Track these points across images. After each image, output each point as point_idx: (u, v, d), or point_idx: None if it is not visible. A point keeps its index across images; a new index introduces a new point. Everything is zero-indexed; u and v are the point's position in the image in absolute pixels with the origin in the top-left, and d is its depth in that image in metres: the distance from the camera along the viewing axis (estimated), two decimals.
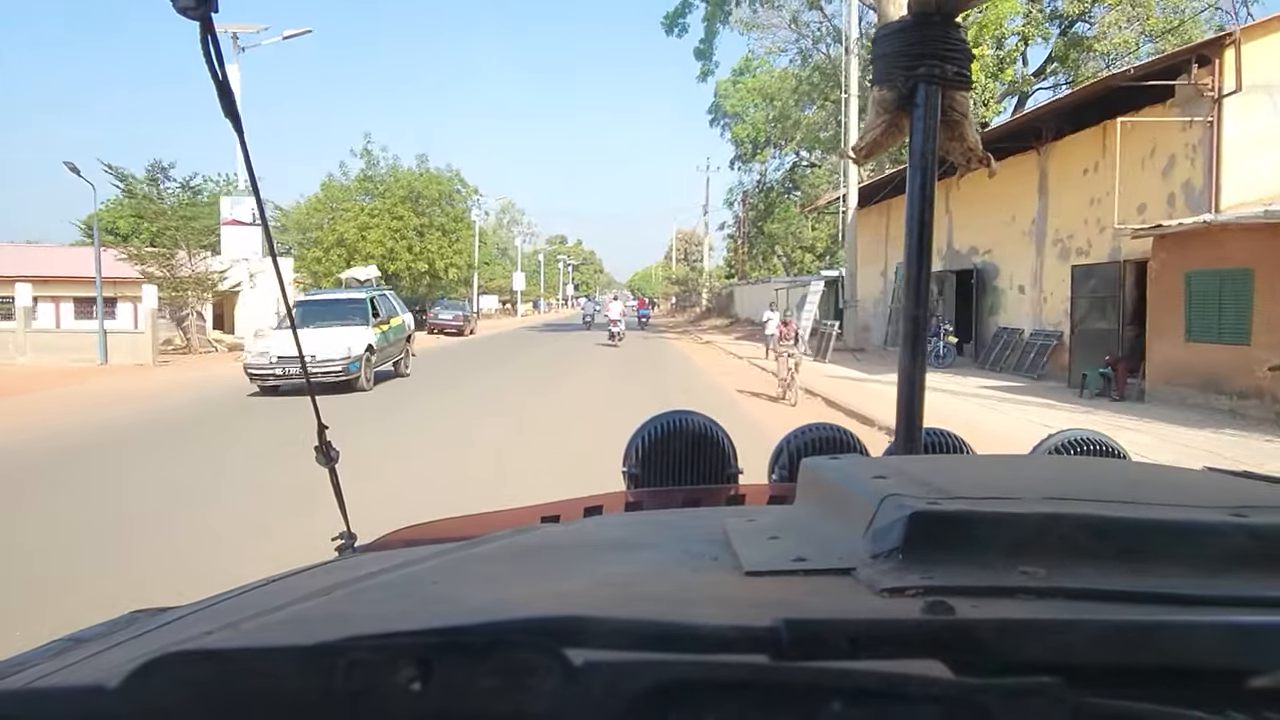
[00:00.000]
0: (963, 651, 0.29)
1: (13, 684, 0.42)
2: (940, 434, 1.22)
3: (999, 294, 14.22)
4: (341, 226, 28.26)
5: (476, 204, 35.83)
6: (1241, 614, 0.34)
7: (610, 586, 0.41)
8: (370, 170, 30.05)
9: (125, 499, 5.48)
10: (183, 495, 5.52)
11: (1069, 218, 11.94)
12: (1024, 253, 13.25)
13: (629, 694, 0.26)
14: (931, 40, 0.88)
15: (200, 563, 3.95)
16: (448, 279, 31.34)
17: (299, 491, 4.48)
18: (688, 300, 62.23)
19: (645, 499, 1.12)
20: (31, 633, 1.70)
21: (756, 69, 39.89)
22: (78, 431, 8.26)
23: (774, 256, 44.89)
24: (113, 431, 8.26)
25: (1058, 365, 12.08)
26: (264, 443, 7.27)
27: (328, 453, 1.11)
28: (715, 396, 10.68)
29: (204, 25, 0.74)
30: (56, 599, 3.47)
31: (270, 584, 0.60)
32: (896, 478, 0.47)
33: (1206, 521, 0.40)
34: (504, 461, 6.62)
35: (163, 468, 6.50)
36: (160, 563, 4.06)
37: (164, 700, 0.26)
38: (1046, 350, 12.27)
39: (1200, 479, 0.56)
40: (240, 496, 5.45)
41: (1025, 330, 13.19)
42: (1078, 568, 0.37)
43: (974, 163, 0.98)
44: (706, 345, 23.35)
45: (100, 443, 7.62)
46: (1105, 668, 0.30)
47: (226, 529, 4.68)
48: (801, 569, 0.40)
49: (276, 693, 0.26)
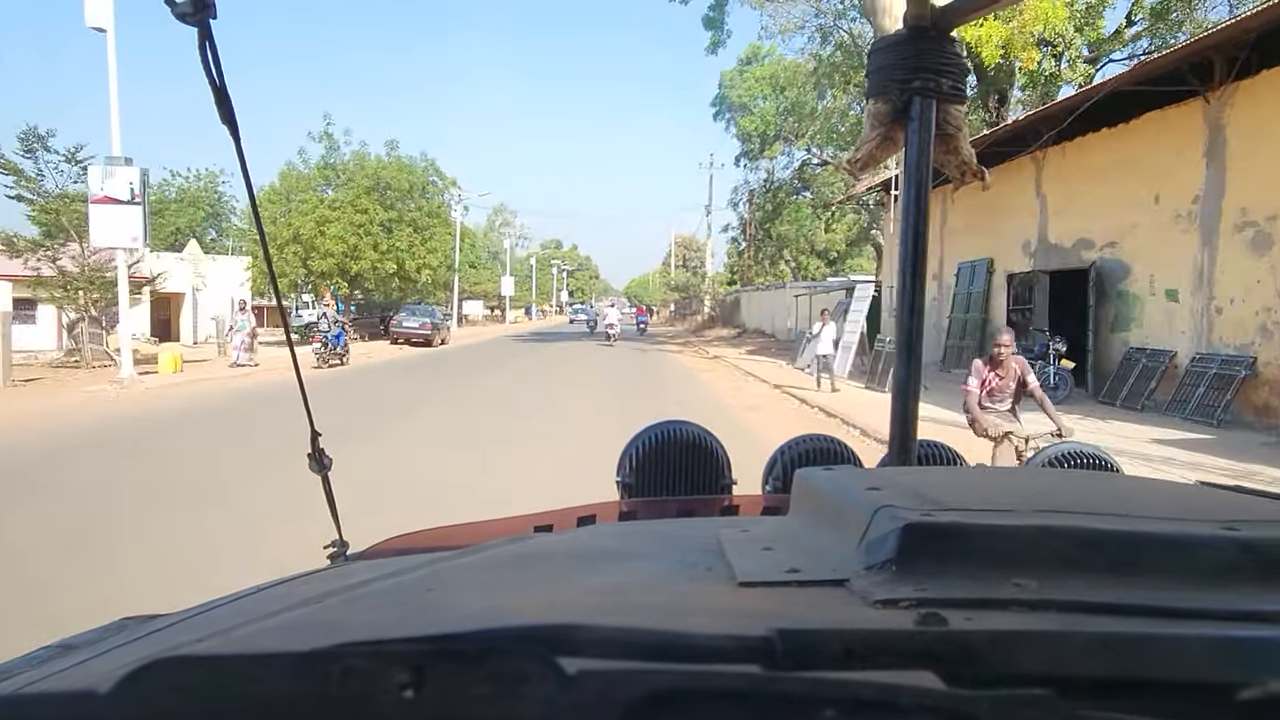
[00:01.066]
0: (955, 663, 0.30)
1: (2, 690, 0.41)
2: (934, 445, 1.22)
3: (1132, 302, 10.35)
4: (297, 221, 24.49)
5: (455, 198, 31.75)
6: (1233, 628, 0.34)
7: (603, 595, 0.40)
8: (331, 157, 26.23)
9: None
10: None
11: (1269, 190, 8.20)
12: (1177, 243, 9.45)
13: (622, 703, 0.26)
14: (926, 54, 0.90)
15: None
16: (421, 281, 27.49)
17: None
18: (688, 308, 58.59)
19: (639, 509, 1.07)
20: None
21: (765, 57, 36.52)
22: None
23: (782, 261, 41.22)
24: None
25: (1252, 407, 8.30)
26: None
27: (320, 460, 1.10)
28: (753, 452, 6.34)
29: (201, 31, 0.74)
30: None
31: (262, 591, 0.59)
32: (890, 489, 0.48)
33: (1199, 535, 0.40)
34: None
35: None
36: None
37: (156, 706, 0.26)
38: (1229, 384, 8.43)
39: (1193, 493, 0.56)
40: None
41: (1180, 353, 9.41)
42: (1070, 580, 0.37)
43: (968, 176, 1.01)
44: (715, 361, 19.59)
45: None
46: (1097, 680, 0.30)
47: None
48: (795, 580, 0.40)
49: (269, 699, 0.26)
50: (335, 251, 24.53)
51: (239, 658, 0.29)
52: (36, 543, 4.34)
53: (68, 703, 0.30)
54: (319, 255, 24.45)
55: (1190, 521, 0.43)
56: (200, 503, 5.19)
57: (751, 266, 40.97)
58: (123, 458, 6.83)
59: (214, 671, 0.27)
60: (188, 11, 0.72)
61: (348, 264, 25.15)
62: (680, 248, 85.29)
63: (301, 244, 24.50)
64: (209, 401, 10.71)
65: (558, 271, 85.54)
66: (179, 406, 10.13)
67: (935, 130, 0.91)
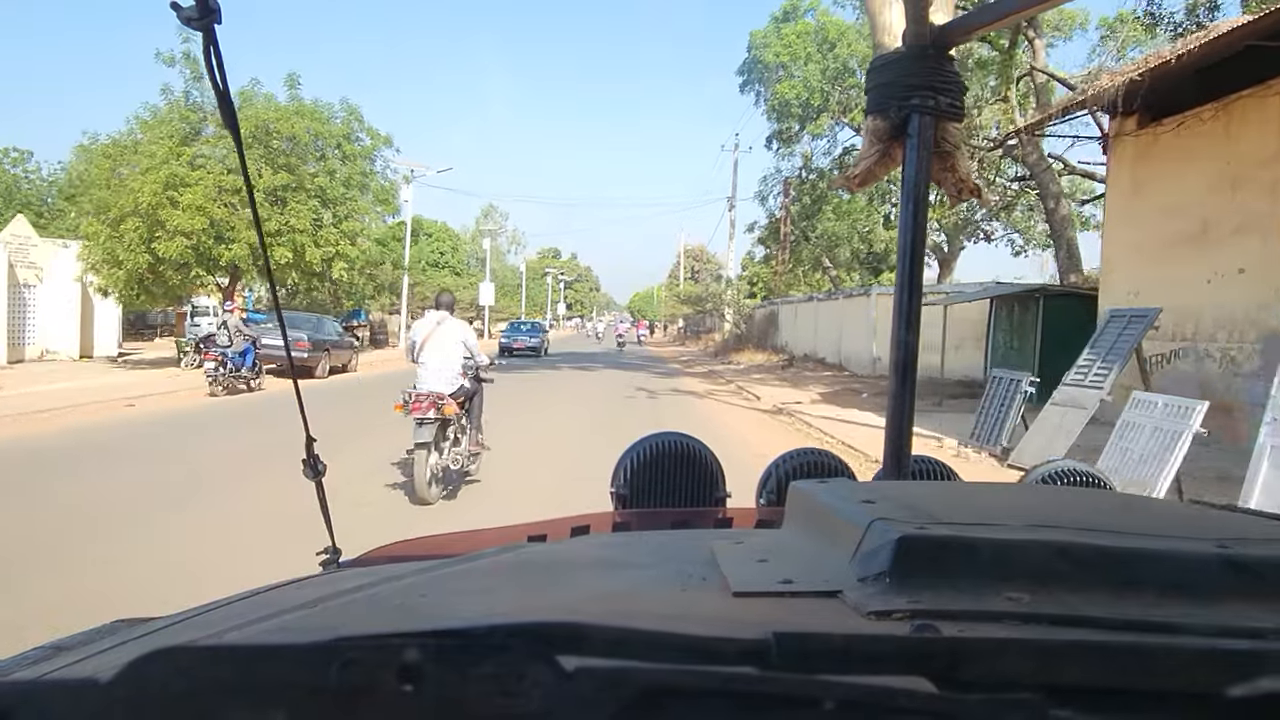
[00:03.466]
0: (947, 669, 0.30)
1: (2, 680, 0.40)
2: (927, 461, 1.22)
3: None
4: (136, 183, 16.16)
5: (395, 170, 22.43)
6: (1222, 641, 0.34)
7: (598, 601, 0.41)
8: (196, 92, 17.79)
9: None
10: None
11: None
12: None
13: (620, 699, 0.26)
14: (925, 72, 0.91)
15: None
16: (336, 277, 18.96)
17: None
18: (700, 325, 49.99)
19: (633, 520, 1.07)
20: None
21: (807, 12, 28.21)
22: None
23: (818, 270, 32.48)
24: None
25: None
26: None
27: (315, 466, 1.08)
28: None
29: (207, 36, 0.75)
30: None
31: (255, 596, 0.58)
32: (884, 502, 0.48)
33: (1190, 551, 0.40)
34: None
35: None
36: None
37: (158, 696, 0.26)
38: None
39: (1184, 511, 0.55)
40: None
41: None
42: (1062, 594, 0.37)
43: (965, 193, 1.01)
44: (776, 417, 11.12)
45: None
46: (1086, 688, 0.31)
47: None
48: (789, 591, 0.40)
49: (270, 691, 0.26)
50: (192, 229, 16.16)
51: (243, 648, 0.29)
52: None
53: (69, 691, 0.29)
54: (166, 234, 16.11)
55: (1182, 538, 0.43)
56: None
57: (785, 274, 32.42)
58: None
59: (218, 662, 0.27)
60: (193, 16, 0.73)
61: (212, 248, 16.77)
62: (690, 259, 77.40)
63: (143, 218, 16.16)
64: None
65: (553, 280, 77.25)
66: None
67: (934, 147, 0.92)
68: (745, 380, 17.35)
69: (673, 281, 73.58)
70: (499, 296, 61.02)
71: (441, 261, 54.74)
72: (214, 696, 0.26)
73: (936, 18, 0.93)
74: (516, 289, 65.40)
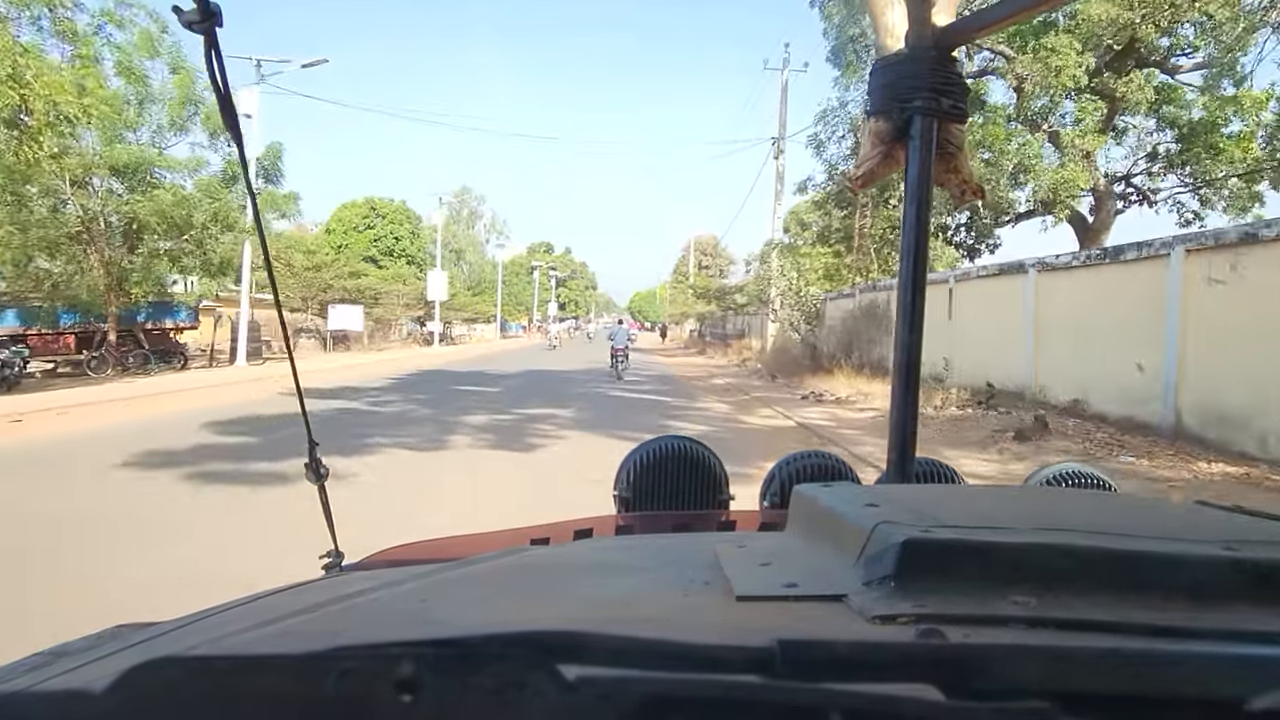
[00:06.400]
0: (954, 676, 0.30)
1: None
2: (932, 464, 1.21)
3: None
4: None
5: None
6: (1231, 646, 0.34)
7: (601, 607, 0.41)
8: None
9: None
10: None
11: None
12: None
13: (621, 710, 0.26)
14: (928, 74, 0.90)
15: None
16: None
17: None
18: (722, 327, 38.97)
19: (636, 523, 1.06)
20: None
21: None
22: None
23: (887, 245, 21.03)
24: None
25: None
26: None
27: (317, 470, 1.07)
28: None
29: (208, 39, 0.73)
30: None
31: (257, 600, 0.58)
32: (888, 506, 0.47)
33: (1197, 554, 0.40)
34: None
35: None
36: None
37: (152, 707, 0.26)
38: None
39: (1191, 513, 0.56)
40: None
41: None
42: (1068, 598, 0.37)
43: (968, 195, 0.99)
44: None
45: None
46: (1094, 695, 0.30)
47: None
48: (793, 595, 0.40)
49: (267, 702, 0.26)
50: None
51: (236, 659, 0.29)
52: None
53: (63, 701, 0.29)
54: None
55: (1189, 541, 0.42)
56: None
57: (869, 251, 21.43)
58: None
59: (211, 673, 0.27)
60: (195, 20, 0.72)
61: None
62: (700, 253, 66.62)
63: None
64: None
65: (540, 276, 66.53)
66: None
67: (937, 149, 0.92)
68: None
69: (678, 278, 62.53)
70: (476, 294, 49.88)
71: (397, 249, 43.91)
72: (207, 707, 0.25)
73: (939, 19, 0.94)
74: (507, 285, 54.84)
